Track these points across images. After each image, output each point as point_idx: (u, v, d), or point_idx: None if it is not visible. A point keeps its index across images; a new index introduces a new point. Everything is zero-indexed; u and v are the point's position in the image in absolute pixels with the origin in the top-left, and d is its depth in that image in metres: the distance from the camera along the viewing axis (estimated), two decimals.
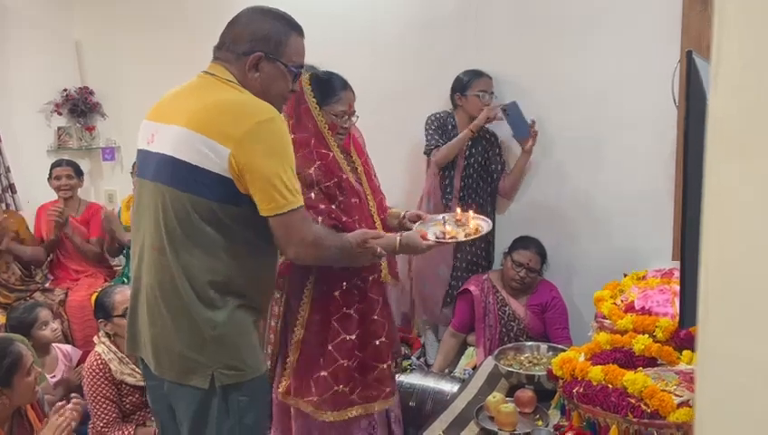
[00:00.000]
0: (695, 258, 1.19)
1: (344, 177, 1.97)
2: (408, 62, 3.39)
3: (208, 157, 1.48)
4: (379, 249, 1.78)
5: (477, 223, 2.02)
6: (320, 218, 1.88)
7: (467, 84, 3.08)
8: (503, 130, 3.17)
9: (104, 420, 2.42)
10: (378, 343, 2.01)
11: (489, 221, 2.06)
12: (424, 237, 1.91)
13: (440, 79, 3.30)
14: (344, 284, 1.97)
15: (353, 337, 1.97)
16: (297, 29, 1.65)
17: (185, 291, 1.54)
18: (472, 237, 1.99)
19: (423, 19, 3.33)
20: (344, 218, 1.92)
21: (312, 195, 1.90)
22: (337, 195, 1.94)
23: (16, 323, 2.84)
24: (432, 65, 3.34)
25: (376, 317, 2.01)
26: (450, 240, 1.97)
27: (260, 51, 1.57)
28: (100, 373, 2.43)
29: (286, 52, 1.60)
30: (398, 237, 1.88)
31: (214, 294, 1.54)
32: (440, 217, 2.08)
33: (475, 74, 3.09)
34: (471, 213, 2.08)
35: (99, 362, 2.46)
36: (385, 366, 2.03)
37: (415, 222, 2.09)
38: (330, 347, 1.96)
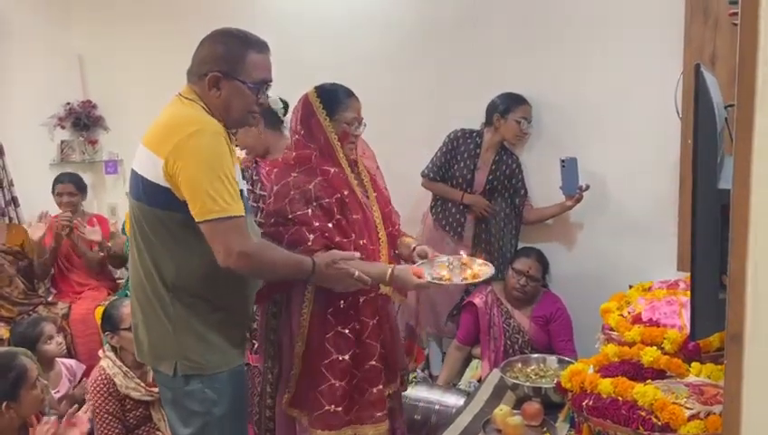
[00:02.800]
0: (705, 270, 1.19)
1: (346, 193, 1.95)
2: (407, 72, 3.40)
3: (150, 168, 1.65)
4: (356, 273, 1.79)
5: (479, 269, 1.99)
6: (311, 237, 1.87)
7: (509, 108, 3.06)
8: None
9: None
10: (368, 365, 1.98)
11: (492, 267, 2.04)
12: (418, 275, 1.88)
13: (440, 88, 3.33)
14: (341, 302, 1.95)
15: (346, 357, 1.95)
16: (256, 46, 1.73)
17: (147, 289, 1.74)
18: (468, 282, 1.99)
19: (421, 29, 3.35)
20: (337, 238, 1.90)
21: (309, 211, 1.89)
22: (335, 212, 1.92)
23: (20, 338, 2.82)
24: (432, 75, 3.35)
25: (367, 340, 1.98)
26: (445, 282, 1.93)
27: (217, 71, 1.69)
28: (105, 388, 2.42)
29: (244, 69, 1.70)
30: (391, 269, 1.88)
31: (167, 292, 1.71)
32: (446, 258, 2.04)
33: (518, 100, 3.07)
34: (478, 260, 2.06)
35: (103, 376, 2.45)
36: (375, 390, 1.99)
37: (423, 258, 2.07)
38: (321, 367, 1.95)
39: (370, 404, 1.99)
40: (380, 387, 2.00)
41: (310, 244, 1.86)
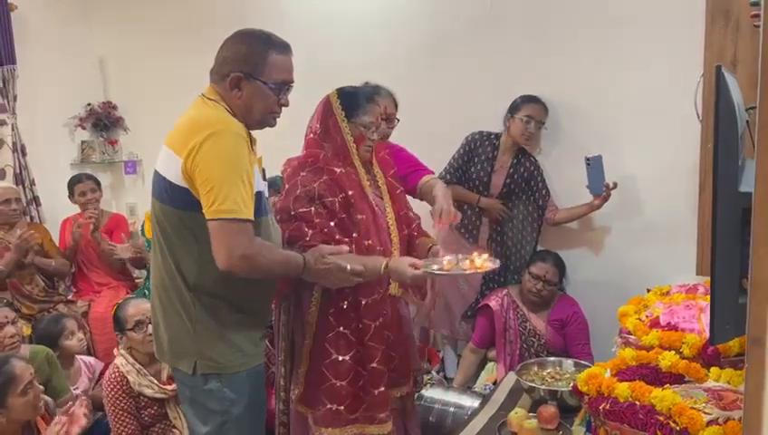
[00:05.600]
0: (725, 274, 1.18)
1: (351, 193, 1.97)
2: (424, 73, 3.41)
3: (171, 168, 1.66)
4: (348, 266, 1.79)
5: (480, 263, 1.94)
6: (309, 232, 1.89)
7: (518, 107, 3.05)
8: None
9: (124, 434, 2.43)
10: (372, 366, 1.99)
11: (497, 263, 1.98)
12: (416, 267, 1.86)
13: (458, 90, 3.33)
14: (343, 304, 1.96)
15: (347, 358, 1.96)
16: (277, 48, 1.74)
17: (168, 288, 1.75)
18: (467, 273, 1.94)
19: (439, 30, 3.36)
20: (337, 236, 1.92)
21: (312, 209, 1.92)
22: (338, 211, 1.94)
23: (43, 333, 2.87)
24: (450, 76, 3.36)
25: (369, 342, 1.98)
26: (441, 273, 1.88)
27: (239, 71, 1.70)
28: (119, 386, 2.45)
29: (265, 70, 1.71)
30: (385, 261, 1.88)
31: (188, 292, 1.73)
32: (453, 256, 1.98)
33: (528, 99, 3.04)
34: (484, 255, 1.99)
35: (117, 374, 2.47)
36: (377, 392, 1.99)
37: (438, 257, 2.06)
38: (322, 366, 1.97)
39: (374, 406, 2.00)
40: (382, 389, 2.00)
41: (308, 239, 1.88)
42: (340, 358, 1.96)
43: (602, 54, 3.00)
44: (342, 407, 1.96)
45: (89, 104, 4.36)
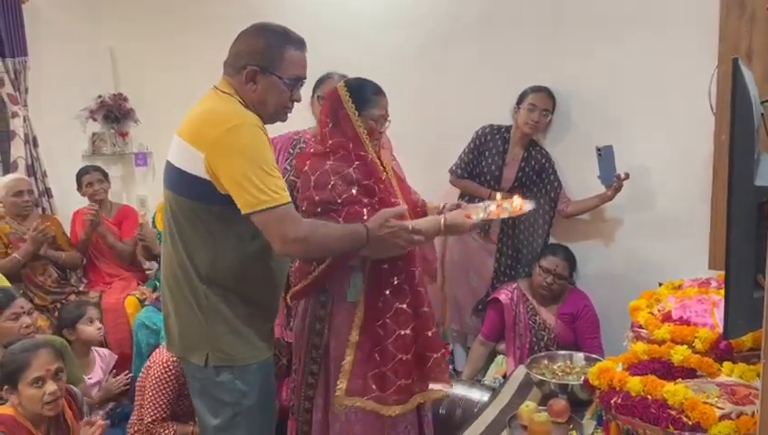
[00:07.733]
0: (740, 268, 1.18)
1: (382, 177, 2.00)
2: (435, 69, 3.39)
3: (189, 160, 1.66)
4: (411, 225, 1.82)
5: (521, 202, 2.04)
6: (365, 210, 1.89)
7: (523, 96, 3.03)
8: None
9: (153, 417, 2.44)
10: (430, 334, 2.04)
11: (533, 202, 2.09)
12: (468, 217, 1.94)
13: (468, 85, 3.31)
14: (395, 280, 1.98)
15: (408, 331, 1.99)
16: (294, 43, 1.74)
17: (180, 279, 1.75)
18: (516, 214, 2.03)
19: (449, 27, 3.34)
20: None
21: (354, 191, 1.93)
22: (377, 191, 1.96)
23: (65, 315, 2.96)
24: (460, 72, 3.34)
25: (426, 309, 2.03)
26: (495, 217, 2.01)
27: (255, 65, 1.70)
28: (172, 371, 2.42)
29: (281, 65, 1.71)
30: (443, 217, 1.92)
31: (200, 284, 1.73)
32: (481, 204, 2.08)
33: (534, 88, 3.02)
34: (515, 196, 2.09)
35: (172, 360, 2.44)
36: (438, 355, 2.05)
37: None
38: (388, 344, 1.97)
39: (435, 368, 2.05)
40: (443, 350, 2.08)
41: (365, 218, 1.87)
42: (403, 332, 1.98)
43: (615, 46, 2.96)
44: (410, 380, 2.00)
45: (100, 96, 4.38)
